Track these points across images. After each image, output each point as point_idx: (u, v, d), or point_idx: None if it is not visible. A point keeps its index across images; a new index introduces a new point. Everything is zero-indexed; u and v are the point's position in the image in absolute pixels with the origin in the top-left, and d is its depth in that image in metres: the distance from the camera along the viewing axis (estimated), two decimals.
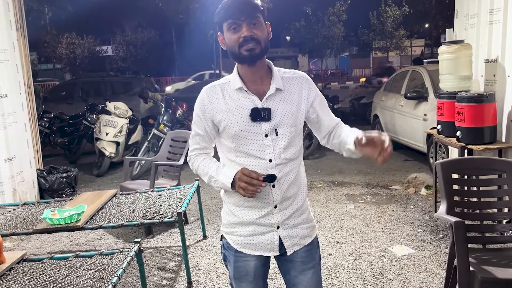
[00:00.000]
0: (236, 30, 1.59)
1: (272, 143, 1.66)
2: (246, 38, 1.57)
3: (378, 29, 33.65)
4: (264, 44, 1.62)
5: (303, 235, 1.77)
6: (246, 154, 1.66)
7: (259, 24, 1.60)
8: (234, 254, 1.78)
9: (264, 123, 1.64)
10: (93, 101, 8.61)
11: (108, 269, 2.25)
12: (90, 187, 6.29)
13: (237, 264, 1.78)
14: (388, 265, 3.45)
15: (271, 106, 1.65)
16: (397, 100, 7.13)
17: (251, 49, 1.58)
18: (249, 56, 1.60)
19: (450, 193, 2.65)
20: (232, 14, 1.58)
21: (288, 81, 1.71)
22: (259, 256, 1.76)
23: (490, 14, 4.13)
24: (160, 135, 6.84)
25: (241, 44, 1.58)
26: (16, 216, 3.38)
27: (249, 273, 1.77)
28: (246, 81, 1.67)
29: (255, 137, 1.65)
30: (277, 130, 1.66)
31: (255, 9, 1.60)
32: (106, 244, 4.17)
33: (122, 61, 31.36)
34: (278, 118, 1.65)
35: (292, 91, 1.70)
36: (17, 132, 5.04)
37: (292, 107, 1.69)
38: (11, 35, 5.05)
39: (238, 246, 1.76)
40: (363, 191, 5.53)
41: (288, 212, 1.72)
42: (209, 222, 4.56)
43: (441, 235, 3.95)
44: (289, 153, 1.69)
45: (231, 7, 1.59)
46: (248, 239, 1.74)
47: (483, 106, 3.85)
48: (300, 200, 1.76)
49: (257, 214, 1.70)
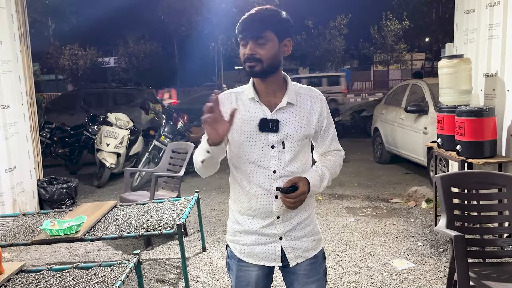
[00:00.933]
0: (244, 46, 1.65)
1: (278, 155, 1.68)
2: (247, 56, 1.63)
3: (379, 43, 33.86)
4: (268, 63, 1.63)
5: (307, 247, 1.77)
6: (251, 162, 1.70)
7: (266, 42, 1.62)
8: (236, 263, 1.79)
9: (271, 134, 1.67)
10: (95, 112, 8.65)
11: (106, 280, 2.24)
12: (90, 198, 6.28)
13: (239, 274, 1.79)
14: (388, 279, 3.42)
15: (280, 119, 1.68)
16: (398, 113, 7.16)
17: (251, 66, 1.63)
18: (250, 72, 1.66)
19: (450, 207, 2.65)
20: (242, 31, 1.64)
21: (302, 96, 1.73)
22: (261, 267, 1.76)
23: (490, 29, 4.17)
24: (161, 146, 6.85)
25: (245, 60, 1.65)
26: (15, 226, 3.37)
27: (250, 283, 1.78)
28: (260, 92, 1.72)
29: (261, 147, 1.68)
30: (284, 142, 1.68)
31: (264, 27, 1.61)
32: (105, 256, 4.15)
33: (124, 73, 31.53)
34: (286, 131, 1.68)
35: (304, 107, 1.72)
36: (18, 143, 5.06)
37: (302, 122, 1.71)
38: (15, 47, 5.10)
39: (241, 254, 1.78)
40: (363, 204, 5.52)
41: (292, 223, 1.73)
42: (209, 234, 4.54)
43: (442, 249, 3.93)
44: (294, 166, 1.70)
45: (242, 23, 1.64)
46: (251, 248, 1.75)
47: (483, 120, 3.86)
48: (305, 212, 1.76)
49: (260, 224, 1.72)
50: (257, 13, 1.64)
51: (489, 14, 4.18)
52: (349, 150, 9.34)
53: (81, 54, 30.12)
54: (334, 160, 1.81)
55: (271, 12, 1.65)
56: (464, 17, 4.68)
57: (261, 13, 1.64)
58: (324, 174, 1.74)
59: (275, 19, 1.64)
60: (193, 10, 17.18)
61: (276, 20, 1.64)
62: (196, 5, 16.91)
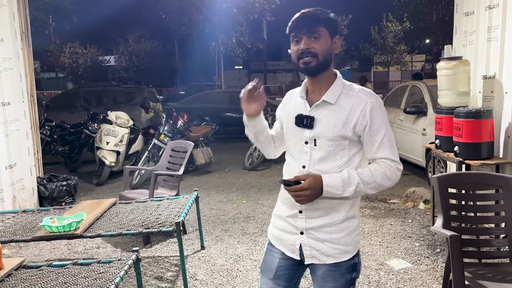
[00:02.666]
0: (297, 42, 1.69)
1: (310, 151, 1.72)
2: (303, 51, 1.66)
3: (379, 44, 33.86)
4: (323, 58, 1.67)
5: (326, 252, 1.73)
6: (289, 154, 1.82)
7: (319, 37, 1.66)
8: (268, 246, 1.91)
9: (306, 130, 1.72)
10: (95, 110, 8.66)
11: (105, 277, 2.27)
12: (89, 196, 6.30)
13: (266, 257, 1.90)
14: (385, 278, 3.45)
15: (316, 116, 1.71)
16: (397, 114, 7.18)
17: (307, 62, 1.67)
18: (305, 68, 1.69)
19: (447, 207, 2.67)
20: (295, 28, 1.69)
21: (347, 96, 1.70)
22: (285, 256, 1.83)
23: (488, 31, 4.19)
24: (161, 145, 6.87)
25: (300, 56, 1.68)
26: (15, 223, 3.39)
27: (271, 269, 1.84)
28: (309, 90, 1.78)
29: (297, 141, 1.76)
30: (316, 140, 1.70)
31: (317, 23, 1.66)
32: (104, 253, 4.17)
33: (124, 71, 31.53)
34: (319, 129, 1.70)
35: (344, 107, 1.68)
36: (18, 140, 5.08)
37: (338, 122, 1.67)
38: (16, 44, 5.11)
39: (271, 236, 1.90)
40: (361, 204, 5.54)
41: (315, 222, 1.73)
42: (207, 233, 4.57)
43: (438, 250, 3.96)
44: (325, 165, 1.69)
45: (295, 21, 1.69)
46: (279, 233, 1.85)
47: (481, 122, 3.88)
48: (335, 217, 1.72)
49: (287, 213, 1.81)
50: (308, 12, 1.69)
51: (488, 17, 4.20)
52: None
53: (82, 52, 30.11)
54: (376, 169, 1.68)
55: (321, 10, 1.70)
56: (463, 19, 4.70)
57: (312, 12, 1.69)
58: (351, 179, 1.64)
59: (326, 17, 1.69)
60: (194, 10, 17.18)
61: (327, 18, 1.69)
62: (197, 4, 16.90)
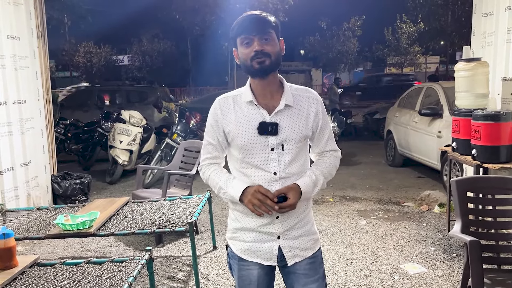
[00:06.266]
0: (248, 44, 1.68)
1: (277, 157, 1.71)
2: (257, 52, 1.65)
3: (393, 45, 33.53)
4: (275, 59, 1.68)
5: (304, 247, 1.80)
6: (252, 166, 1.73)
7: (270, 39, 1.68)
8: (237, 263, 1.82)
9: (271, 137, 1.71)
10: (108, 109, 8.72)
11: (118, 276, 2.26)
12: (102, 194, 6.34)
13: (241, 273, 1.82)
14: (399, 283, 3.39)
15: (279, 121, 1.71)
16: (411, 116, 7.09)
17: (261, 61, 1.66)
18: (259, 68, 1.67)
19: (465, 211, 2.61)
20: (245, 30, 1.68)
21: (299, 98, 1.78)
22: (261, 265, 1.79)
23: (508, 32, 4.10)
24: (173, 144, 6.88)
25: (253, 57, 1.66)
26: (29, 220, 3.41)
27: (252, 282, 1.80)
28: (257, 94, 1.74)
29: (261, 150, 1.71)
30: (283, 145, 1.72)
31: (267, 25, 1.68)
32: (117, 252, 4.18)
33: (137, 71, 31.71)
34: (285, 133, 1.71)
35: (301, 108, 1.76)
36: (33, 138, 5.12)
37: (301, 123, 1.74)
38: (32, 43, 5.16)
39: (240, 252, 1.81)
40: (375, 207, 5.47)
41: (290, 223, 1.76)
42: (219, 233, 4.55)
43: (455, 254, 3.88)
44: (293, 167, 1.74)
45: (244, 23, 1.68)
46: (250, 245, 1.78)
47: (500, 124, 3.80)
48: (302, 212, 1.79)
49: (259, 222, 1.75)
50: (257, 15, 1.71)
51: (508, 17, 4.11)
52: (361, 153, 9.29)
53: (96, 51, 30.38)
54: (329, 163, 1.84)
55: (266, 14, 1.73)
56: (482, 20, 4.62)
57: (260, 15, 1.71)
58: (318, 179, 1.77)
59: (273, 19, 1.72)
60: (207, 10, 17.20)
61: (274, 20, 1.72)
62: (211, 5, 16.93)
